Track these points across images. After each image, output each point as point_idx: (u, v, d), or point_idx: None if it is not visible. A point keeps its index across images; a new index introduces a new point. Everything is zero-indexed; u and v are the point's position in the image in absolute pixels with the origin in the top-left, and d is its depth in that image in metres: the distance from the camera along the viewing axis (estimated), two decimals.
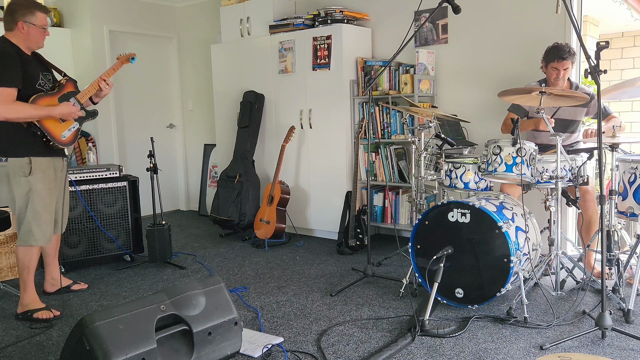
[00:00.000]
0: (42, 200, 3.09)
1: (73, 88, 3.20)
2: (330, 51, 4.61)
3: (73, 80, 3.24)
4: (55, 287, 3.55)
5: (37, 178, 3.07)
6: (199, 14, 6.23)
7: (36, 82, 3.06)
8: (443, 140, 3.47)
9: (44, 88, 3.09)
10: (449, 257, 3.00)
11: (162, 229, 4.14)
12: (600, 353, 2.50)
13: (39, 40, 3.11)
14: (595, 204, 3.42)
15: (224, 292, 2.46)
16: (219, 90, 5.55)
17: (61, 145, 3.11)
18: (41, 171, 3.09)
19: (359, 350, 2.60)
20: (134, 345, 2.05)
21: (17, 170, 3.04)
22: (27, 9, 3.02)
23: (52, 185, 3.17)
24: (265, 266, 4.10)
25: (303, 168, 4.96)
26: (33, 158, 3.05)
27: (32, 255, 3.15)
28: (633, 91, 3.26)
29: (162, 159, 6.27)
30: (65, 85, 3.16)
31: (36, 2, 3.07)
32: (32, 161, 3.05)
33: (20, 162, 3.03)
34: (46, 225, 3.14)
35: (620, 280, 3.07)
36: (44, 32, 3.11)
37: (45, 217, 3.13)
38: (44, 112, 2.98)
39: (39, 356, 2.66)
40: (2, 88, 2.85)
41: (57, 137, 3.08)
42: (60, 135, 3.09)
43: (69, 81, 3.20)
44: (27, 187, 3.05)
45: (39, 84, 3.07)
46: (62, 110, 3.04)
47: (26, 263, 3.14)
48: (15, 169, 3.04)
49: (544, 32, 3.96)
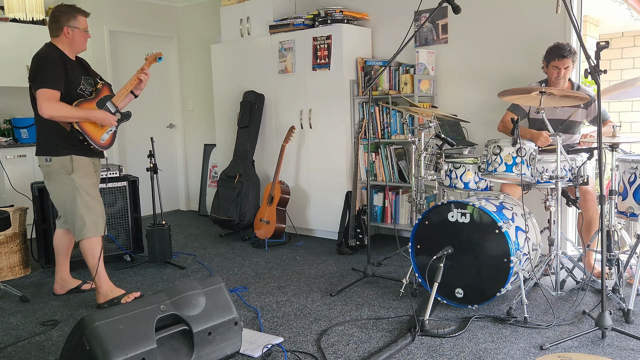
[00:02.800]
0: (89, 194, 3.25)
1: (108, 92, 3.34)
2: (330, 51, 4.61)
3: (108, 84, 3.40)
4: (64, 288, 3.58)
5: (80, 174, 3.23)
6: (199, 14, 6.23)
7: (78, 87, 3.21)
8: (443, 140, 3.47)
9: (84, 93, 3.25)
10: (449, 257, 3.01)
11: (162, 229, 4.14)
12: (600, 353, 2.50)
13: (83, 43, 3.29)
14: (595, 204, 3.42)
15: (224, 292, 2.46)
16: (219, 90, 5.55)
17: (100, 148, 3.28)
18: (83, 168, 3.25)
19: (359, 350, 2.60)
20: (134, 345, 2.06)
21: (60, 169, 3.20)
22: (70, 14, 3.20)
23: (94, 181, 3.34)
24: (265, 266, 4.10)
25: (303, 168, 4.96)
26: (74, 156, 3.21)
27: (95, 245, 3.27)
28: (633, 91, 3.27)
29: (162, 159, 6.27)
30: (102, 89, 3.31)
31: (77, 7, 3.25)
32: (74, 159, 3.21)
33: (63, 160, 3.20)
34: (97, 215, 3.27)
35: (620, 280, 3.07)
36: (86, 35, 3.29)
37: (96, 208, 3.27)
38: (82, 114, 3.14)
39: (39, 356, 2.66)
40: (44, 89, 3.04)
41: (96, 140, 3.24)
42: (99, 138, 3.25)
43: (105, 85, 3.35)
44: (72, 184, 3.21)
45: (80, 88, 3.23)
46: (98, 115, 3.20)
47: (93, 253, 3.27)
48: (59, 167, 3.20)
49: (544, 32, 3.96)
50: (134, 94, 3.45)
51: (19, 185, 4.78)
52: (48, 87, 3.05)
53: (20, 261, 3.99)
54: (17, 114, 5.50)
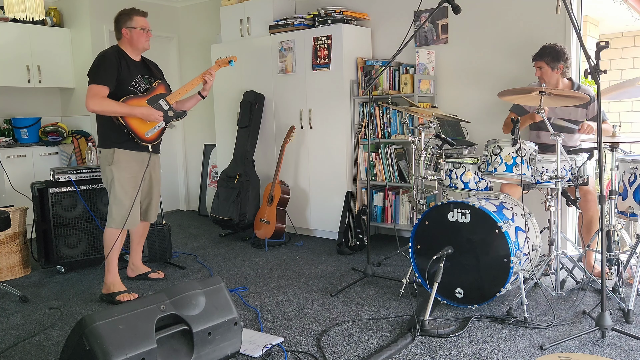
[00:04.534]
0: (122, 188, 3.38)
1: (164, 90, 3.49)
2: (330, 51, 4.61)
3: (166, 83, 3.54)
4: (135, 272, 3.84)
5: (119, 167, 3.37)
6: (199, 14, 6.23)
7: (129, 84, 3.37)
8: (443, 140, 3.47)
9: (137, 90, 3.40)
10: (449, 257, 3.01)
11: (162, 229, 4.15)
12: (600, 353, 2.50)
13: (142, 42, 3.45)
14: (596, 204, 3.42)
15: (224, 292, 2.46)
16: (219, 90, 5.55)
17: (144, 143, 3.40)
18: (124, 162, 3.38)
19: (359, 350, 2.60)
20: (134, 345, 2.06)
21: (104, 160, 3.40)
22: (127, 15, 3.41)
23: (135, 175, 3.43)
24: (265, 266, 4.10)
25: (303, 168, 4.96)
26: (117, 149, 3.36)
27: (114, 236, 3.41)
28: (633, 91, 3.27)
29: (162, 159, 6.23)
30: (157, 87, 3.46)
31: (134, 9, 3.45)
32: (116, 152, 3.36)
33: (107, 152, 3.38)
34: (126, 211, 3.39)
35: (620, 280, 3.07)
36: (145, 34, 3.45)
37: (125, 203, 3.39)
38: (125, 110, 3.28)
39: (39, 356, 2.66)
40: (93, 85, 3.25)
41: (141, 135, 3.37)
42: (144, 133, 3.38)
43: (161, 84, 3.51)
44: (111, 175, 3.38)
45: (132, 86, 3.38)
46: (142, 111, 3.32)
47: (108, 243, 3.42)
48: (104, 158, 3.40)
49: (544, 32, 3.96)
50: (201, 95, 3.70)
51: (19, 185, 4.78)
52: (96, 83, 3.24)
53: (20, 261, 3.99)
54: (17, 114, 5.50)
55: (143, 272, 3.83)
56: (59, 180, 3.96)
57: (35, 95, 5.67)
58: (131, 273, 3.83)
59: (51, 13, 5.65)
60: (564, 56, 3.50)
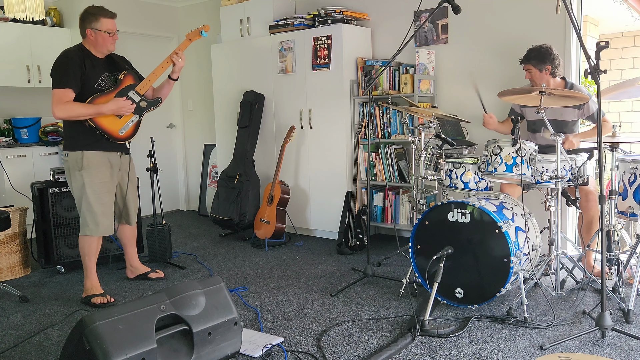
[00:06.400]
0: (94, 194, 3.27)
1: (132, 81, 3.34)
2: (330, 51, 4.61)
3: (133, 72, 3.37)
4: (134, 273, 3.82)
5: (90, 173, 3.26)
6: (199, 14, 6.22)
7: (95, 83, 3.24)
8: (443, 140, 3.47)
9: (103, 88, 3.27)
10: (449, 257, 3.00)
11: (162, 229, 4.15)
12: (600, 353, 2.50)
13: (107, 44, 3.31)
14: (597, 204, 3.42)
15: (224, 292, 2.46)
16: (219, 90, 5.55)
17: (120, 141, 3.30)
18: (94, 166, 3.27)
19: (359, 350, 2.60)
20: (134, 345, 2.05)
21: (73, 165, 3.26)
22: (93, 16, 3.25)
23: (106, 179, 3.33)
24: (265, 266, 4.10)
25: (303, 168, 4.96)
26: (85, 152, 3.24)
27: (90, 244, 3.35)
28: (633, 91, 3.27)
29: (162, 159, 6.26)
30: (124, 79, 3.31)
31: (102, 9, 3.29)
32: (84, 155, 3.24)
33: (75, 155, 3.25)
34: (100, 217, 3.30)
35: (620, 280, 3.07)
36: (110, 37, 3.31)
37: (98, 210, 3.29)
38: (93, 110, 3.17)
39: (39, 356, 2.66)
40: (56, 89, 3.14)
41: (114, 134, 3.26)
42: (117, 131, 3.27)
43: (128, 75, 3.34)
44: (81, 181, 3.26)
45: (98, 84, 3.26)
46: (110, 107, 3.20)
47: (85, 251, 3.36)
48: (72, 163, 3.27)
49: (544, 32, 3.96)
50: (171, 78, 3.48)
51: (19, 185, 4.78)
52: (60, 87, 3.13)
53: (20, 261, 3.99)
54: (17, 114, 5.50)
55: (143, 272, 3.82)
56: (59, 180, 3.96)
57: (35, 95, 5.66)
58: (130, 274, 3.82)
59: (51, 13, 5.64)
60: (550, 57, 3.49)
